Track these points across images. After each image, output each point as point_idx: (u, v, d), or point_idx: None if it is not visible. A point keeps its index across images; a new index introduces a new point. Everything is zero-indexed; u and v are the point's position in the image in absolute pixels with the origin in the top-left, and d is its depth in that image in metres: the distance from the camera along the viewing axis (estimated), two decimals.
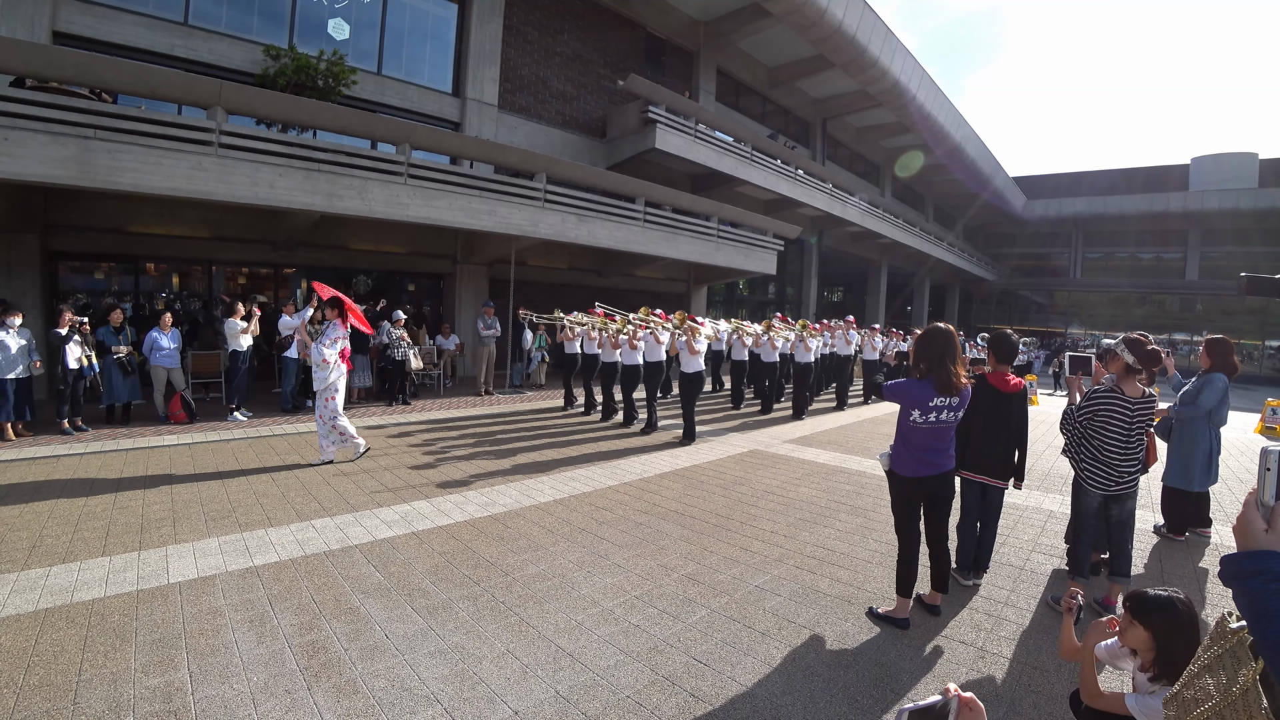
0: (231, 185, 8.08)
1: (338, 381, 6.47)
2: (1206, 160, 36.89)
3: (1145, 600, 1.93)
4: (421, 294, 14.57)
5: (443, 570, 3.87)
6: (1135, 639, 1.93)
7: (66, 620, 3.09)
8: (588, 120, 16.59)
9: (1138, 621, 1.92)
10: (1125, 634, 1.97)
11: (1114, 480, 3.55)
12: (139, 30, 10.01)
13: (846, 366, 12.32)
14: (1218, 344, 5.05)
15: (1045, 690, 2.84)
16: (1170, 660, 1.84)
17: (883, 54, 19.23)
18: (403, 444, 7.42)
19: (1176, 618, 1.87)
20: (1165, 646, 1.86)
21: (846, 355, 12.29)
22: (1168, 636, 1.86)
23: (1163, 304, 39.09)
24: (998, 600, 3.77)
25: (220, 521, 4.58)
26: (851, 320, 12.73)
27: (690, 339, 8.07)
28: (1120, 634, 2.00)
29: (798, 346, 10.71)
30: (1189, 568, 4.48)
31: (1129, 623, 1.95)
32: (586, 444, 7.83)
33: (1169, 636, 1.86)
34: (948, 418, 3.28)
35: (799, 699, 2.70)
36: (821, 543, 4.63)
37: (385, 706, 2.52)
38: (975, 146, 28.80)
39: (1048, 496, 6.13)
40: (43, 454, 6.25)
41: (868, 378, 13.33)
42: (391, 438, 7.73)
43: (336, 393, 6.45)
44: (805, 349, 10.57)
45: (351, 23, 12.47)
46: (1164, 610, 1.89)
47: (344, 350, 6.53)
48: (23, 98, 6.89)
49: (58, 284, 9.98)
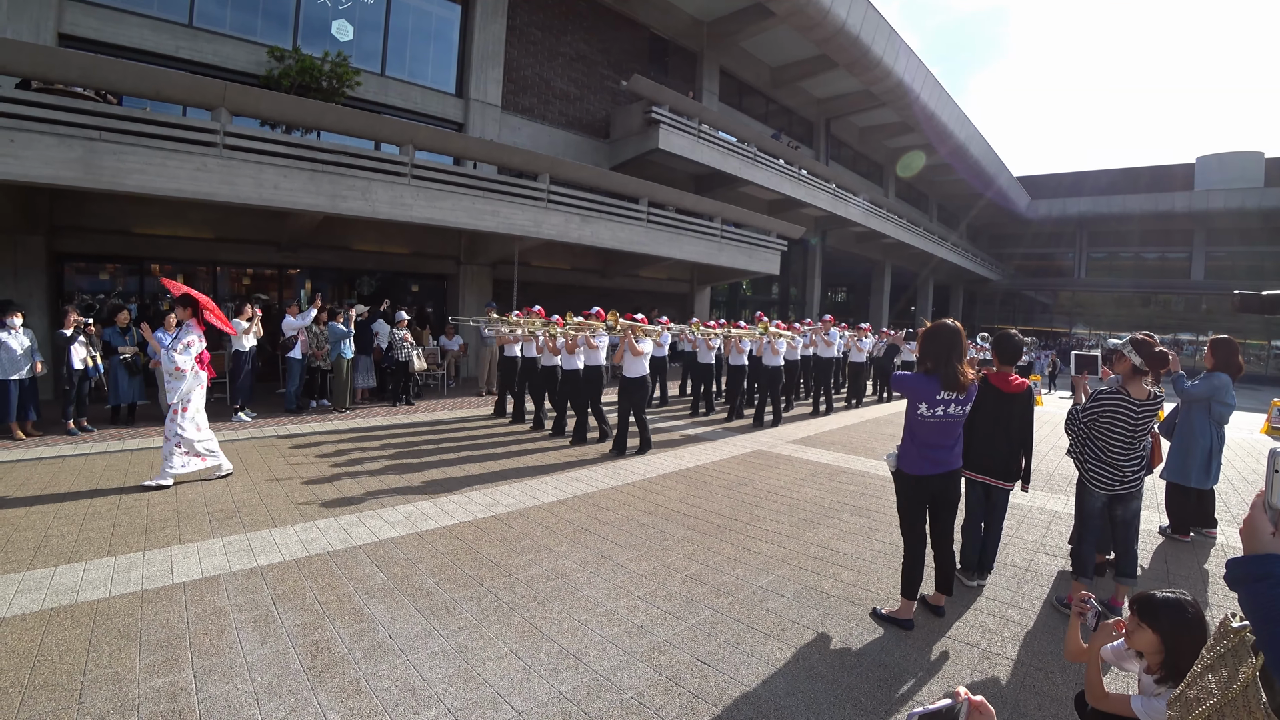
0: (236, 186, 8.11)
1: (193, 392, 5.63)
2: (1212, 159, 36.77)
3: (1153, 603, 1.91)
4: (425, 294, 14.59)
5: (446, 570, 3.88)
6: (1142, 641, 1.91)
7: (72, 620, 3.10)
8: (591, 121, 16.60)
9: (1145, 624, 1.90)
10: (1132, 636, 1.95)
11: (1118, 480, 3.54)
12: (144, 32, 10.06)
13: (830, 370, 11.47)
14: (1222, 344, 5.04)
15: (1050, 692, 2.82)
16: (1177, 663, 1.82)
17: (886, 54, 19.20)
18: (405, 444, 7.43)
19: (1184, 620, 1.85)
20: (1172, 649, 1.85)
21: (829, 358, 11.37)
22: (1175, 639, 1.84)
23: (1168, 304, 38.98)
24: (1002, 601, 3.76)
25: (225, 522, 4.59)
26: (830, 319, 11.85)
27: (629, 340, 7.21)
28: (1127, 636, 1.98)
29: (765, 349, 9.42)
30: (1194, 569, 4.46)
31: (1136, 625, 1.93)
32: (590, 446, 7.83)
33: (1176, 639, 1.84)
34: (955, 412, 3.27)
35: (803, 700, 2.70)
36: (825, 543, 4.62)
37: (389, 707, 2.52)
38: (979, 146, 28.74)
39: (1052, 497, 6.10)
40: (49, 454, 6.28)
41: (854, 381, 12.71)
42: (394, 438, 7.74)
43: (188, 404, 5.58)
44: (773, 352, 9.36)
45: (355, 24, 12.51)
46: (1172, 613, 1.87)
47: (201, 355, 5.74)
48: (29, 99, 6.93)
49: (63, 285, 10.02)
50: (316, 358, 9.43)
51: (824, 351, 11.40)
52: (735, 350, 9.86)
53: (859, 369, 12.65)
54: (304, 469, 6.15)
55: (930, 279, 35.29)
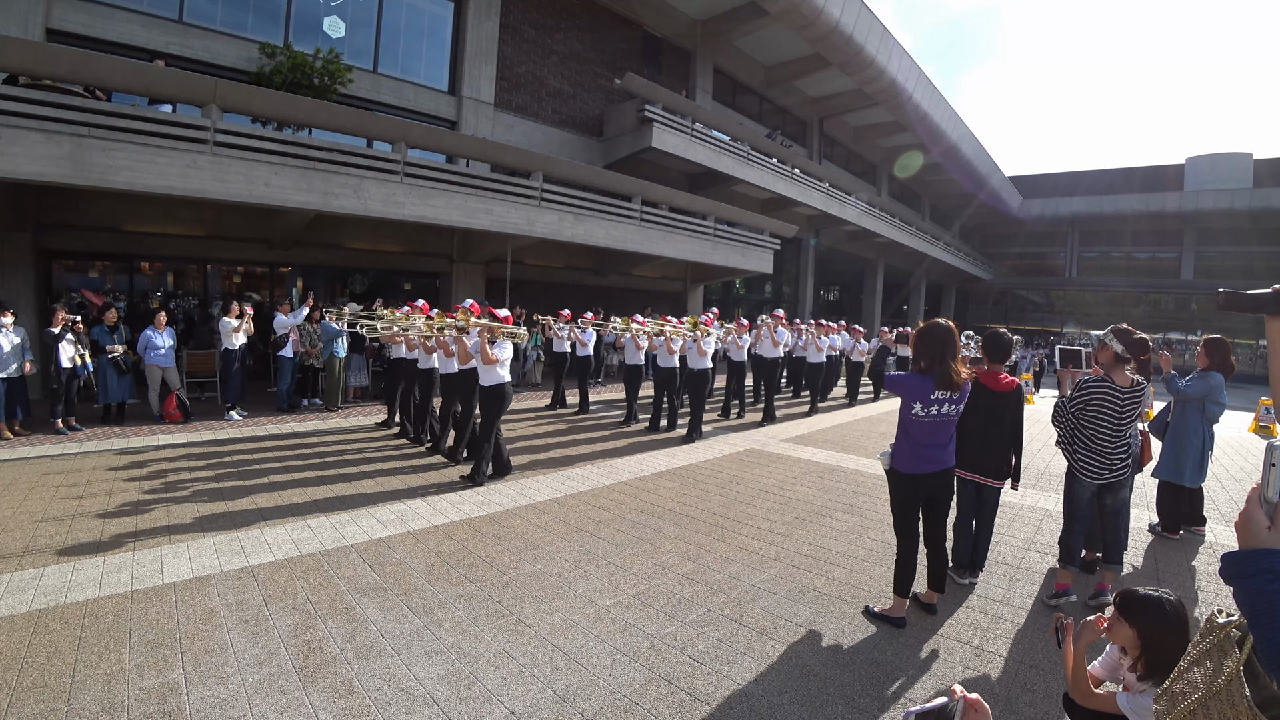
0: (226, 184, 8.04)
1: None
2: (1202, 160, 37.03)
3: (1133, 599, 1.96)
4: (418, 293, 14.53)
5: (439, 570, 3.87)
6: (1122, 636, 1.98)
7: (60, 621, 3.07)
8: (584, 119, 16.56)
9: (1124, 620, 1.96)
10: (1113, 631, 2.02)
11: (1106, 469, 3.63)
12: (134, 28, 9.96)
13: (774, 372, 10.20)
14: (1216, 344, 5.10)
15: (1041, 689, 2.84)
16: (1155, 659, 1.87)
17: (879, 53, 19.24)
18: (397, 442, 7.40)
19: (1163, 618, 1.90)
20: (1150, 645, 1.90)
21: (774, 358, 10.02)
22: (1153, 635, 1.89)
23: (1158, 303, 39.24)
24: (994, 599, 3.78)
25: (215, 521, 4.56)
26: (780, 315, 10.43)
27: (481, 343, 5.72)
28: (1108, 630, 2.03)
29: (690, 348, 8.29)
30: (1183, 566, 4.50)
31: (1117, 620, 1.99)
32: (583, 444, 7.83)
33: (1154, 635, 1.89)
34: (949, 411, 3.29)
35: (796, 698, 2.70)
36: (818, 541, 4.64)
37: (381, 706, 2.52)
38: (971, 146, 28.85)
39: (1043, 495, 6.14)
40: (37, 453, 6.22)
41: (812, 382, 11.48)
42: (386, 436, 7.71)
43: None
44: (699, 353, 8.12)
45: (347, 20, 12.43)
46: (1151, 610, 1.92)
47: None
48: (16, 95, 6.84)
49: (52, 283, 9.93)
50: (309, 356, 9.38)
51: (768, 352, 9.99)
52: (666, 350, 8.54)
53: (815, 371, 11.46)
54: (298, 468, 6.11)
55: (923, 279, 35.43)
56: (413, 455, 6.86)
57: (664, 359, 8.70)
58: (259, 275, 12.34)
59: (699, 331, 8.25)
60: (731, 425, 9.49)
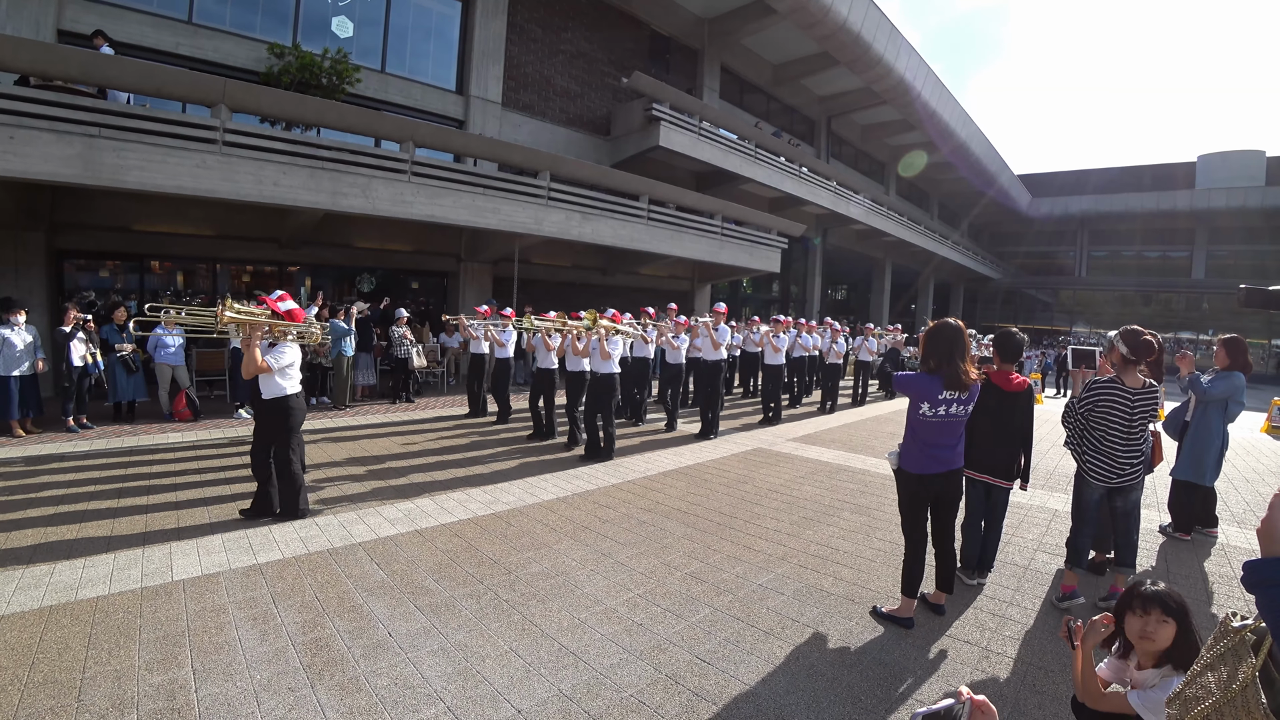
0: (236, 183, 8.10)
1: None
2: (1213, 158, 36.69)
3: (1172, 598, 1.97)
4: (426, 292, 14.58)
5: (446, 568, 3.88)
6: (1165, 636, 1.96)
7: (71, 617, 3.10)
8: (592, 118, 16.56)
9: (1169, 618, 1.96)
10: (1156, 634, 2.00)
11: (1115, 473, 3.56)
12: (144, 29, 10.03)
13: (716, 375, 8.64)
14: (1234, 343, 5.03)
15: (1050, 691, 2.82)
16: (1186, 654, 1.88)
17: (887, 51, 19.15)
18: (406, 441, 7.42)
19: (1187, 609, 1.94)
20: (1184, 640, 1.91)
21: (715, 360, 8.64)
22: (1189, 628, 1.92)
23: (1169, 303, 38.91)
24: (1002, 600, 3.75)
25: (224, 519, 4.59)
26: (722, 309, 8.98)
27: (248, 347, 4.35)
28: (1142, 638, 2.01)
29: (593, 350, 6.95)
30: (1194, 567, 4.45)
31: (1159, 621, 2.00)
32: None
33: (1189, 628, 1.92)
34: (957, 411, 3.26)
35: (803, 698, 2.69)
36: (825, 541, 4.62)
37: (388, 705, 2.52)
38: (980, 144, 28.68)
39: (1052, 496, 6.10)
40: (48, 451, 6.28)
41: (768, 384, 10.04)
42: (395, 435, 7.74)
43: None
44: (602, 355, 6.84)
45: (355, 20, 12.48)
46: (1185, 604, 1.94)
47: None
48: (28, 96, 6.91)
49: (64, 282, 10.02)
50: (318, 355, 9.42)
51: (710, 355, 8.71)
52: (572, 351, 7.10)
53: (774, 372, 10.10)
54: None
55: (931, 278, 35.23)
56: (416, 455, 6.88)
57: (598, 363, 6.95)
58: (268, 274, 12.40)
59: (602, 330, 6.85)
60: (737, 426, 9.47)
